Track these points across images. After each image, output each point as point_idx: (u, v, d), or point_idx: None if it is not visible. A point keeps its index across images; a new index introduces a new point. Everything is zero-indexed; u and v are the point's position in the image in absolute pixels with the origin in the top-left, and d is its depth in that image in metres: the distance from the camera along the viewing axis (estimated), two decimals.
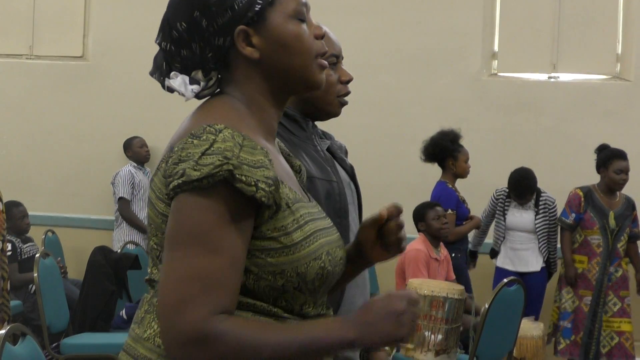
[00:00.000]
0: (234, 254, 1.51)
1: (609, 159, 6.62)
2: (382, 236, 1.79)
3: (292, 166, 1.84)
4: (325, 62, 1.71)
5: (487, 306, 4.86)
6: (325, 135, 2.58)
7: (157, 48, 1.74)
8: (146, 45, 1.92)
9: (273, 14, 1.64)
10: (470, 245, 6.89)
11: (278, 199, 1.54)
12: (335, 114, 2.49)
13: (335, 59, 2.43)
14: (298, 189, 1.70)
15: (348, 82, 2.46)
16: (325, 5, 7.28)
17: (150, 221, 1.63)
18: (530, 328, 5.77)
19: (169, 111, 4.84)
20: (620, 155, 6.61)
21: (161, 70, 1.72)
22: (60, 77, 8.51)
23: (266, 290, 1.57)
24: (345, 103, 2.48)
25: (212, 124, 1.53)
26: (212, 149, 1.49)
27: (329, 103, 2.44)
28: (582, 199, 6.68)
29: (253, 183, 1.48)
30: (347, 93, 2.47)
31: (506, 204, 6.84)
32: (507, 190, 6.84)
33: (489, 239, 7.11)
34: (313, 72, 1.68)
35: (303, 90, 1.74)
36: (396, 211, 1.75)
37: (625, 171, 6.58)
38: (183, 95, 1.68)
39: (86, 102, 8.42)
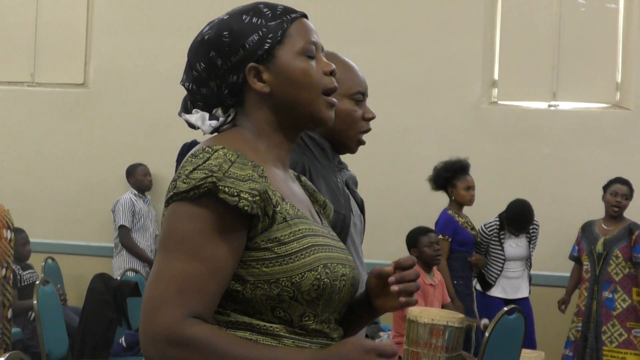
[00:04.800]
0: (215, 262, 1.58)
1: (609, 183, 6.74)
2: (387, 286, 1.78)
3: (316, 201, 1.93)
4: (334, 100, 1.80)
5: (487, 335, 4.84)
6: (342, 164, 2.56)
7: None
8: (147, 72, 1.93)
9: (282, 52, 1.75)
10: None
11: (270, 212, 1.62)
12: (352, 150, 2.51)
13: (362, 96, 2.45)
14: (306, 210, 1.77)
15: (370, 119, 2.47)
16: (326, 33, 7.32)
17: None
18: (531, 357, 5.74)
19: (170, 138, 4.86)
20: (621, 180, 6.69)
21: (186, 109, 1.84)
22: (62, 105, 8.54)
23: (263, 299, 1.62)
24: (363, 142, 2.50)
25: (212, 145, 1.65)
26: (203, 165, 1.60)
27: (350, 138, 2.47)
28: (580, 232, 6.86)
29: (236, 193, 1.57)
30: (368, 130, 2.49)
31: (501, 235, 6.82)
32: (498, 222, 6.82)
33: None
34: (319, 107, 1.77)
35: (311, 125, 1.82)
36: (410, 262, 1.74)
37: (622, 194, 6.65)
38: (200, 128, 1.79)
39: (87, 130, 8.44)
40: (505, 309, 5.13)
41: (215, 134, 1.79)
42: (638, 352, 6.52)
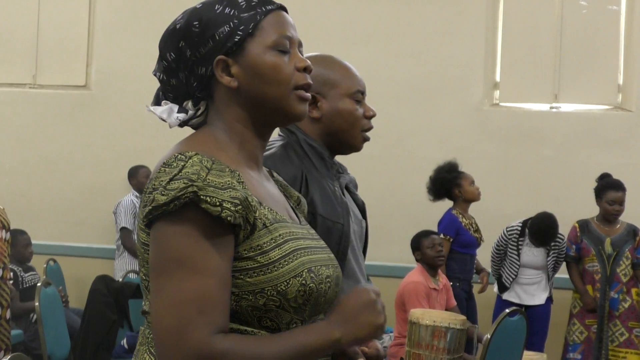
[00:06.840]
0: (220, 272, 1.51)
1: (603, 189, 6.70)
2: None
3: (290, 196, 1.89)
4: (307, 95, 1.73)
5: (489, 336, 4.84)
6: (341, 169, 2.58)
7: None
8: (149, 74, 1.92)
9: (252, 45, 1.68)
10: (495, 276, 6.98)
11: (251, 219, 1.55)
12: (358, 148, 2.53)
13: (361, 95, 2.48)
14: (284, 211, 1.73)
15: (371, 117, 2.50)
16: (327, 35, 7.33)
17: (139, 253, 1.67)
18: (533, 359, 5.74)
19: (172, 140, 4.85)
20: (614, 186, 6.66)
21: (158, 101, 1.78)
22: (64, 106, 8.55)
23: (249, 310, 1.57)
24: (367, 139, 2.52)
25: (184, 151, 1.57)
26: (180, 174, 1.51)
27: (354, 137, 2.49)
28: (578, 230, 6.81)
29: (218, 203, 1.50)
30: (370, 128, 2.52)
31: (520, 242, 6.81)
32: (520, 228, 6.81)
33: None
34: (290, 103, 1.70)
35: (282, 121, 1.76)
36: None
37: (619, 202, 6.64)
38: (166, 121, 1.73)
39: (89, 131, 8.45)
40: (507, 310, 5.13)
41: (187, 134, 1.73)
42: (639, 351, 6.54)
